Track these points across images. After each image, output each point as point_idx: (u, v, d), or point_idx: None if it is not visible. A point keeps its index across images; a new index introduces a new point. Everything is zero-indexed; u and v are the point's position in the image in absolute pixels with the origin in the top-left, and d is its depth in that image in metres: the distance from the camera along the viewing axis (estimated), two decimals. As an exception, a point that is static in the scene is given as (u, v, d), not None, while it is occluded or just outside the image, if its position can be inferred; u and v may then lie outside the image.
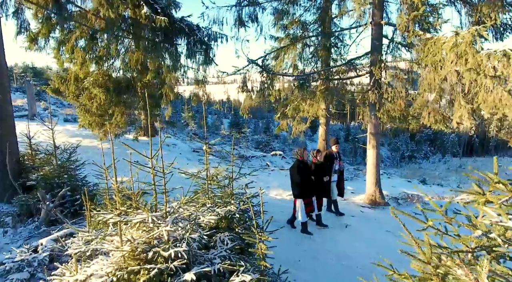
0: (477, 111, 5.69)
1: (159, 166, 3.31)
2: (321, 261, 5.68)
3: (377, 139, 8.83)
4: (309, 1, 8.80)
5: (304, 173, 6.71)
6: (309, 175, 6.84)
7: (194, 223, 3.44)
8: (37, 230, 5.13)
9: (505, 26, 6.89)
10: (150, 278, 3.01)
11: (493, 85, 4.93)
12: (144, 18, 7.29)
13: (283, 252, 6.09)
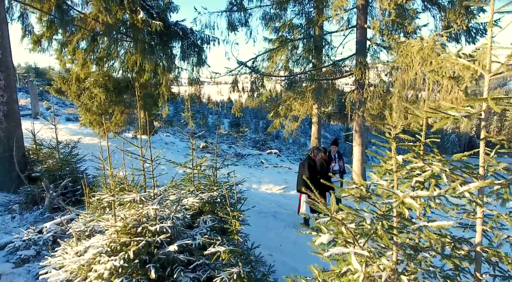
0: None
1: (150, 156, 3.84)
2: (300, 246, 6.19)
3: (362, 137, 9.33)
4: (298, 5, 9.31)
5: (312, 170, 7.12)
6: (316, 173, 7.19)
7: (178, 204, 3.96)
8: (42, 216, 5.66)
9: (476, 30, 7.39)
10: (139, 249, 3.54)
11: (451, 85, 5.44)
12: (141, 22, 7.82)
13: (269, 239, 6.63)
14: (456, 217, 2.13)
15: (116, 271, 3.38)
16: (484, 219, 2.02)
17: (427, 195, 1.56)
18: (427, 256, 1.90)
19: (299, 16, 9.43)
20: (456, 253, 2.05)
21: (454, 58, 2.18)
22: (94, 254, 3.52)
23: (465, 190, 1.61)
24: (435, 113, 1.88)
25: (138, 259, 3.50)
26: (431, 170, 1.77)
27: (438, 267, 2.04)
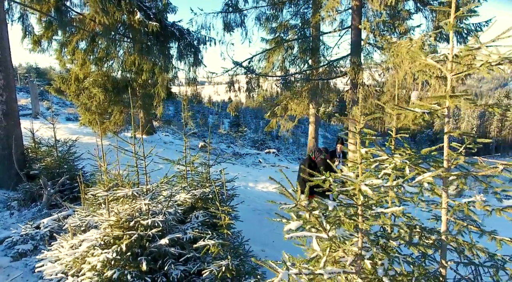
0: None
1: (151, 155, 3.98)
2: (292, 242, 6.31)
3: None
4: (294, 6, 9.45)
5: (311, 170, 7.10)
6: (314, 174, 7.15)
7: (170, 199, 4.10)
8: (40, 213, 5.81)
9: (468, 31, 7.50)
10: (131, 242, 3.67)
11: (439, 85, 5.56)
12: (138, 23, 7.95)
13: (262, 235, 6.76)
14: (426, 208, 2.25)
15: (108, 263, 3.51)
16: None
17: (380, 183, 1.69)
18: (393, 244, 2.03)
19: (294, 17, 9.56)
20: (424, 242, 2.18)
21: (423, 59, 2.30)
22: (88, 247, 3.66)
23: (419, 180, 1.74)
24: (401, 110, 2.01)
25: (130, 252, 3.63)
26: (394, 162, 1.90)
27: (408, 255, 2.17)
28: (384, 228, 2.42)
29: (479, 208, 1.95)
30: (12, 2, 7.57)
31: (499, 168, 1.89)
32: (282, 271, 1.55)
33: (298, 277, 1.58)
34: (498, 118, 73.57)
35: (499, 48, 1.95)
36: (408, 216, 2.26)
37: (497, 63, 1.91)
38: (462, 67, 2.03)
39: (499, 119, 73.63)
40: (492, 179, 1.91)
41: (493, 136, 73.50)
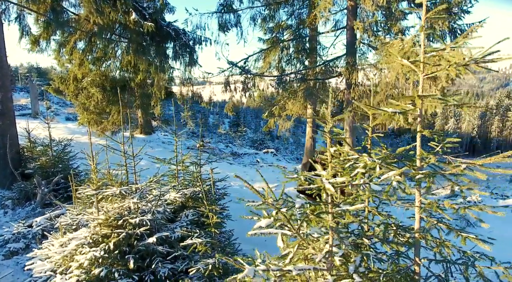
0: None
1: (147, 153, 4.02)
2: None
3: (352, 136, 9.48)
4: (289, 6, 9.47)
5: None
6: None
7: (159, 198, 4.14)
8: (33, 211, 5.85)
9: (461, 31, 7.52)
10: (119, 240, 3.71)
11: (429, 85, 5.59)
12: (133, 23, 8.01)
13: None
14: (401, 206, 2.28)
15: (96, 261, 3.55)
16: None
17: (344, 180, 1.73)
18: (366, 241, 2.06)
19: (290, 17, 9.59)
20: (399, 239, 2.21)
21: (399, 59, 2.33)
22: (77, 245, 3.70)
23: (384, 178, 1.78)
24: (374, 110, 2.04)
25: (118, 250, 3.67)
26: (364, 161, 1.93)
27: (383, 252, 2.20)
28: (362, 226, 2.46)
29: (448, 206, 1.98)
30: (9, 2, 7.63)
31: (462, 167, 1.92)
32: (249, 267, 1.59)
33: (266, 273, 1.61)
34: (499, 118, 73.48)
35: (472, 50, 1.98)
36: (383, 214, 2.30)
37: (464, 64, 1.94)
38: (431, 68, 2.06)
39: (500, 119, 73.54)
40: (460, 177, 1.94)
41: (494, 136, 73.41)
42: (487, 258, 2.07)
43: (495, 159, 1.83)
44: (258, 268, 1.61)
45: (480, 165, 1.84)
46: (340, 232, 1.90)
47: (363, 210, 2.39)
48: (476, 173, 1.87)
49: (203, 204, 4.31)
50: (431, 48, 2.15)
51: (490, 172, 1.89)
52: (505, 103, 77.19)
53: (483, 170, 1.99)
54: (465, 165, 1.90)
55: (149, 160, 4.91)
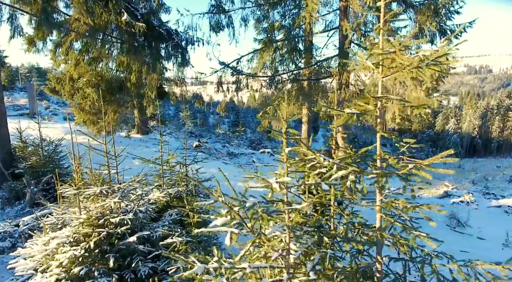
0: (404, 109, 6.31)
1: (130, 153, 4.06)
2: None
3: (347, 133, 9.52)
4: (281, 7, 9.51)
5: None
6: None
7: (141, 198, 4.18)
8: (22, 211, 5.91)
9: (452, 32, 7.54)
10: (100, 239, 3.75)
11: (415, 85, 5.61)
12: (125, 24, 8.05)
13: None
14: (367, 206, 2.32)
15: (77, 260, 3.60)
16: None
17: (289, 180, 1.77)
18: (326, 240, 2.09)
19: (283, 18, 9.62)
20: (362, 238, 2.24)
21: (364, 61, 2.37)
22: (58, 244, 3.74)
23: (334, 177, 1.81)
24: (335, 111, 2.07)
25: (98, 249, 3.71)
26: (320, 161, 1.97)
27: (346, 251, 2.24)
28: (328, 225, 2.49)
29: (401, 205, 2.01)
30: (1, 3, 7.67)
31: (409, 166, 1.95)
32: (199, 265, 1.62)
33: (217, 270, 1.65)
34: (500, 119, 73.34)
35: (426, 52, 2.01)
36: (347, 213, 2.33)
37: (416, 67, 1.98)
38: (386, 71, 2.10)
39: (500, 119, 73.40)
40: (414, 176, 1.97)
41: (494, 136, 73.28)
42: (444, 256, 2.10)
43: (434, 159, 1.87)
44: (209, 265, 1.65)
45: (426, 165, 1.88)
46: (297, 230, 1.94)
47: (329, 209, 2.43)
48: (422, 172, 1.91)
49: (190, 204, 4.36)
50: (382, 50, 2.18)
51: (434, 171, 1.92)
52: (505, 103, 77.05)
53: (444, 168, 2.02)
54: (412, 164, 1.93)
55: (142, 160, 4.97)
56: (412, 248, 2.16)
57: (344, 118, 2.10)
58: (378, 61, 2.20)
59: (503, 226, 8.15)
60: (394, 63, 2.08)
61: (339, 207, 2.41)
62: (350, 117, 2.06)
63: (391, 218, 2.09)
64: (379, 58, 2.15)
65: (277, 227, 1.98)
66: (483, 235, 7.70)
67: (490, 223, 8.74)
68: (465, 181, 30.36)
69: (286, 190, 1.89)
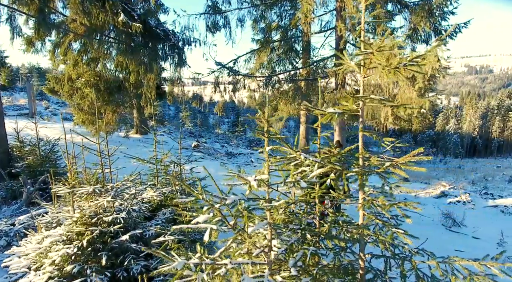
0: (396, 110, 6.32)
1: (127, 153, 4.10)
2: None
3: (341, 136, 9.55)
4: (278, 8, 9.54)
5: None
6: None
7: (134, 197, 4.22)
8: (19, 210, 5.94)
9: (445, 32, 7.57)
10: (93, 238, 3.79)
11: (407, 86, 5.65)
12: (122, 24, 8.09)
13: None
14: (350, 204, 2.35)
15: (70, 258, 3.63)
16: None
17: (267, 178, 1.80)
18: (309, 237, 2.13)
19: (280, 18, 9.65)
20: (346, 235, 2.28)
21: (348, 62, 2.40)
22: (51, 243, 3.78)
23: (312, 176, 1.85)
24: (318, 111, 2.11)
25: (91, 247, 3.75)
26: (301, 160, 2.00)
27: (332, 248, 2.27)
28: (314, 223, 2.53)
29: (381, 203, 2.05)
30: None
31: (386, 164, 1.99)
32: (179, 260, 1.66)
33: (198, 266, 1.68)
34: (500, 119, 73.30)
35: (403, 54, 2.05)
36: (331, 211, 2.37)
37: (394, 68, 2.01)
38: (367, 71, 2.13)
39: (501, 119, 73.36)
40: (391, 175, 2.01)
41: (494, 137, 73.23)
42: (425, 253, 2.13)
43: (408, 157, 1.90)
44: (190, 261, 1.68)
45: (402, 163, 1.91)
46: (279, 227, 1.98)
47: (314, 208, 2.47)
48: (398, 170, 1.94)
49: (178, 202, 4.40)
50: (359, 51, 2.22)
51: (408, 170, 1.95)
52: (506, 103, 77.01)
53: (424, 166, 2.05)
54: (388, 162, 1.97)
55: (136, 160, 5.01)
56: (395, 246, 2.20)
57: (326, 117, 2.13)
58: (359, 62, 2.24)
59: (499, 226, 8.18)
60: (372, 64, 2.11)
61: (323, 206, 2.45)
62: (331, 116, 2.10)
63: (372, 215, 2.13)
64: (360, 59, 2.18)
65: (261, 224, 2.02)
66: (478, 234, 7.73)
67: (485, 222, 8.77)
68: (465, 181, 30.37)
69: (268, 188, 1.93)
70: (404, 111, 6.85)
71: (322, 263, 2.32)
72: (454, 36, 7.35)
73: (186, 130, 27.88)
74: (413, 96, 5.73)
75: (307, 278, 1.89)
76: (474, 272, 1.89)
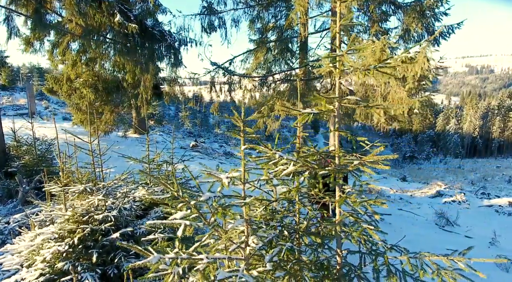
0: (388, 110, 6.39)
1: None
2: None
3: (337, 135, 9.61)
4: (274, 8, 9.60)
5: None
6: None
7: (125, 195, 4.29)
8: (14, 209, 6.02)
9: (440, 33, 7.61)
10: (84, 235, 3.86)
11: (397, 86, 5.71)
12: (118, 25, 8.17)
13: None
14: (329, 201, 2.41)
15: (61, 255, 3.70)
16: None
17: (238, 176, 1.87)
18: (286, 233, 2.20)
19: (275, 19, 9.71)
20: (324, 232, 2.34)
21: (328, 63, 2.47)
22: (43, 240, 3.85)
23: (284, 174, 1.92)
24: (296, 110, 2.17)
25: (82, 245, 3.83)
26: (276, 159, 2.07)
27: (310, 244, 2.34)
28: (295, 220, 2.59)
29: (353, 199, 2.11)
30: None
31: (355, 162, 2.05)
32: (155, 254, 1.73)
33: (172, 261, 1.75)
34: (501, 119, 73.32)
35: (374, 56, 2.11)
36: (309, 208, 2.44)
37: (365, 69, 2.08)
38: (338, 73, 2.20)
39: (501, 119, 73.39)
40: (364, 173, 2.07)
41: (495, 137, 73.23)
42: (399, 249, 2.19)
43: (372, 156, 1.97)
44: (166, 255, 1.75)
45: (369, 162, 1.98)
46: (255, 224, 2.04)
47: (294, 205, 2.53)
48: (366, 168, 2.00)
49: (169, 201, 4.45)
50: (328, 53, 2.28)
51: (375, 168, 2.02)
52: (506, 103, 76.97)
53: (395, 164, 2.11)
54: (357, 161, 2.03)
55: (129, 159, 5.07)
56: (372, 243, 2.26)
57: (303, 117, 2.20)
58: (335, 63, 2.30)
59: (492, 225, 8.24)
60: (345, 66, 2.18)
61: (302, 203, 2.51)
62: (307, 116, 2.16)
63: (347, 213, 2.19)
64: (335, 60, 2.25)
65: (240, 221, 2.09)
66: (471, 233, 7.78)
67: (479, 222, 8.83)
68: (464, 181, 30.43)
69: (243, 186, 2.00)
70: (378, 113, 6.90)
71: (302, 259, 2.38)
72: (447, 37, 7.40)
73: (186, 130, 27.97)
74: (403, 97, 5.81)
75: (281, 272, 1.95)
76: (443, 266, 1.96)
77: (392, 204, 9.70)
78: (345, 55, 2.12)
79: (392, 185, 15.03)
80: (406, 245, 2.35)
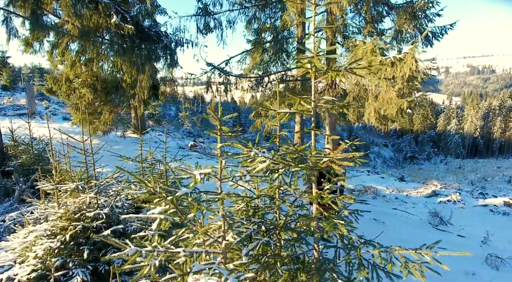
0: (378, 109, 6.45)
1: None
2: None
3: (331, 133, 9.69)
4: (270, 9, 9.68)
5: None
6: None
7: (117, 194, 4.38)
8: (11, 207, 6.11)
9: (433, 34, 7.69)
10: (76, 232, 3.95)
11: (387, 86, 5.78)
12: (114, 26, 8.26)
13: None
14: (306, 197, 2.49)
15: (53, 252, 3.79)
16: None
17: (209, 172, 1.95)
18: (263, 229, 2.28)
19: (271, 20, 9.78)
20: (302, 228, 2.42)
21: (306, 64, 2.54)
22: (36, 237, 3.94)
23: (257, 170, 1.99)
24: (273, 110, 2.25)
25: (74, 241, 3.91)
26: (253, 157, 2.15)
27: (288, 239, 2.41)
28: (275, 216, 2.67)
29: (325, 195, 2.19)
30: (-6, 6, 7.90)
31: (324, 159, 2.12)
32: (132, 247, 1.81)
33: (150, 254, 1.83)
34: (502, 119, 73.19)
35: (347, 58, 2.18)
36: (289, 205, 2.52)
37: (337, 70, 2.15)
38: (313, 73, 2.27)
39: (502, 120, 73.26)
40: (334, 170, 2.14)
41: (496, 137, 73.09)
42: (372, 244, 2.25)
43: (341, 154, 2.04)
44: (143, 249, 1.83)
45: (338, 159, 2.05)
46: (232, 219, 2.12)
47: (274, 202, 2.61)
48: (334, 166, 2.08)
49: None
50: (301, 55, 2.35)
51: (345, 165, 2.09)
52: (508, 103, 76.81)
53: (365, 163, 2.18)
54: (327, 158, 2.11)
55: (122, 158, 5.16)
56: (347, 238, 2.33)
57: (280, 116, 2.27)
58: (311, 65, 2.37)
59: (486, 225, 8.30)
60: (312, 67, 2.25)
61: (283, 199, 2.59)
62: (284, 115, 2.24)
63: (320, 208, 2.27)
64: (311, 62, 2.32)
65: (218, 216, 2.17)
66: (464, 233, 7.84)
67: (473, 221, 8.88)
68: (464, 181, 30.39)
69: (220, 182, 2.08)
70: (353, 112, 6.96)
71: (280, 253, 2.46)
72: (440, 38, 7.46)
73: (185, 130, 28.04)
74: (392, 97, 5.88)
75: (256, 265, 2.03)
76: (412, 260, 2.04)
77: (387, 203, 9.77)
78: (315, 57, 2.20)
79: (389, 184, 15.10)
80: (399, 244, 2.41)
